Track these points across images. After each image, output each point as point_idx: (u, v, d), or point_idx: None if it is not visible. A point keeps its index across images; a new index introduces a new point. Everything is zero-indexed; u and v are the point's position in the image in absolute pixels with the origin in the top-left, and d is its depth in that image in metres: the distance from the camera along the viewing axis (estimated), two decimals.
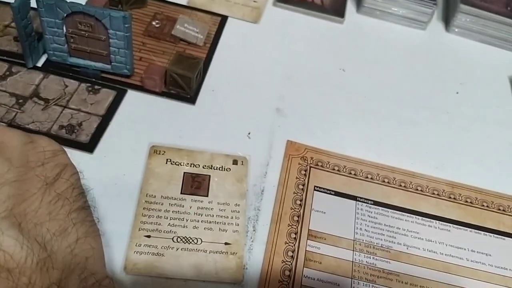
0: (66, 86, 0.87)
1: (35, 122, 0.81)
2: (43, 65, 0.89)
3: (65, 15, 0.81)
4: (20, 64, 0.88)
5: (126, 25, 0.81)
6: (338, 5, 1.18)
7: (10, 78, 0.86)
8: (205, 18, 1.06)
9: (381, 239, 0.79)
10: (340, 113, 0.96)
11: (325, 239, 0.78)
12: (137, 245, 0.71)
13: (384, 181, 0.86)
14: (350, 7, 1.20)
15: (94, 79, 0.89)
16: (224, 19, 1.07)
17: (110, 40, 0.83)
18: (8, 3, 0.96)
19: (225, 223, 0.76)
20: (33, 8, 0.82)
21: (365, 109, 0.98)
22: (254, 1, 1.14)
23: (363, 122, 0.95)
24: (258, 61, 1.02)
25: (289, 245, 0.76)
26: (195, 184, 0.80)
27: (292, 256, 0.75)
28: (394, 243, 0.79)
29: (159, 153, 0.82)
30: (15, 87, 0.85)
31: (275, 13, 1.14)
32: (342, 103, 0.98)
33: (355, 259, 0.76)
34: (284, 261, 0.74)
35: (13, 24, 0.94)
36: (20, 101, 0.83)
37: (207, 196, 0.79)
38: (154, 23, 1.00)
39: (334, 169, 0.86)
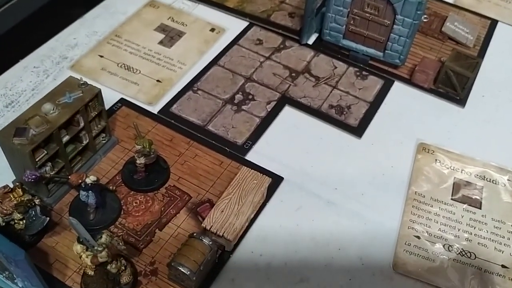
0: (335, 67, 0.86)
1: (306, 97, 0.80)
2: (313, 43, 0.89)
3: None
4: (292, 39, 0.89)
5: (419, 12, 0.76)
6: None
7: (283, 51, 0.87)
8: (474, 20, 0.98)
9: None
10: None
11: None
12: (406, 243, 0.66)
13: None
14: None
15: (361, 65, 0.86)
16: (494, 23, 0.98)
17: (394, 26, 0.79)
18: None
19: (501, 243, 0.68)
20: None
21: None
22: None
23: None
24: None
25: None
26: (467, 193, 0.72)
27: None
28: None
29: (428, 152, 0.76)
30: (288, 61, 0.86)
31: None
32: None
33: None
34: None
35: (287, 1, 0.96)
36: (293, 74, 0.84)
37: (480, 208, 0.71)
38: (422, 17, 0.95)
39: None
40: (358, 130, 0.77)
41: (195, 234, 0.59)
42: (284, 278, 0.62)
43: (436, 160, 0.76)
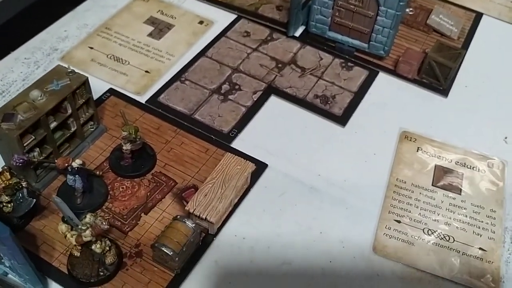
0: (321, 59, 0.87)
1: (292, 87, 0.82)
2: (300, 35, 0.91)
3: None
4: (279, 32, 0.91)
5: (402, 3, 0.78)
6: None
7: (271, 43, 0.89)
8: (459, 13, 0.99)
9: None
10: None
11: None
12: (387, 227, 0.68)
13: None
14: None
15: (346, 56, 0.88)
16: (478, 15, 0.99)
17: (378, 18, 0.81)
18: None
19: (479, 227, 0.69)
20: None
21: None
22: None
23: None
24: None
25: None
26: (447, 179, 0.74)
27: None
28: None
29: (410, 140, 0.78)
30: (275, 52, 0.87)
31: None
32: None
33: None
34: None
35: None
36: (279, 65, 0.85)
37: (459, 194, 0.73)
38: (408, 10, 0.96)
39: None
40: (342, 119, 0.79)
41: (178, 217, 0.61)
42: (267, 261, 0.63)
43: (418, 148, 0.77)
